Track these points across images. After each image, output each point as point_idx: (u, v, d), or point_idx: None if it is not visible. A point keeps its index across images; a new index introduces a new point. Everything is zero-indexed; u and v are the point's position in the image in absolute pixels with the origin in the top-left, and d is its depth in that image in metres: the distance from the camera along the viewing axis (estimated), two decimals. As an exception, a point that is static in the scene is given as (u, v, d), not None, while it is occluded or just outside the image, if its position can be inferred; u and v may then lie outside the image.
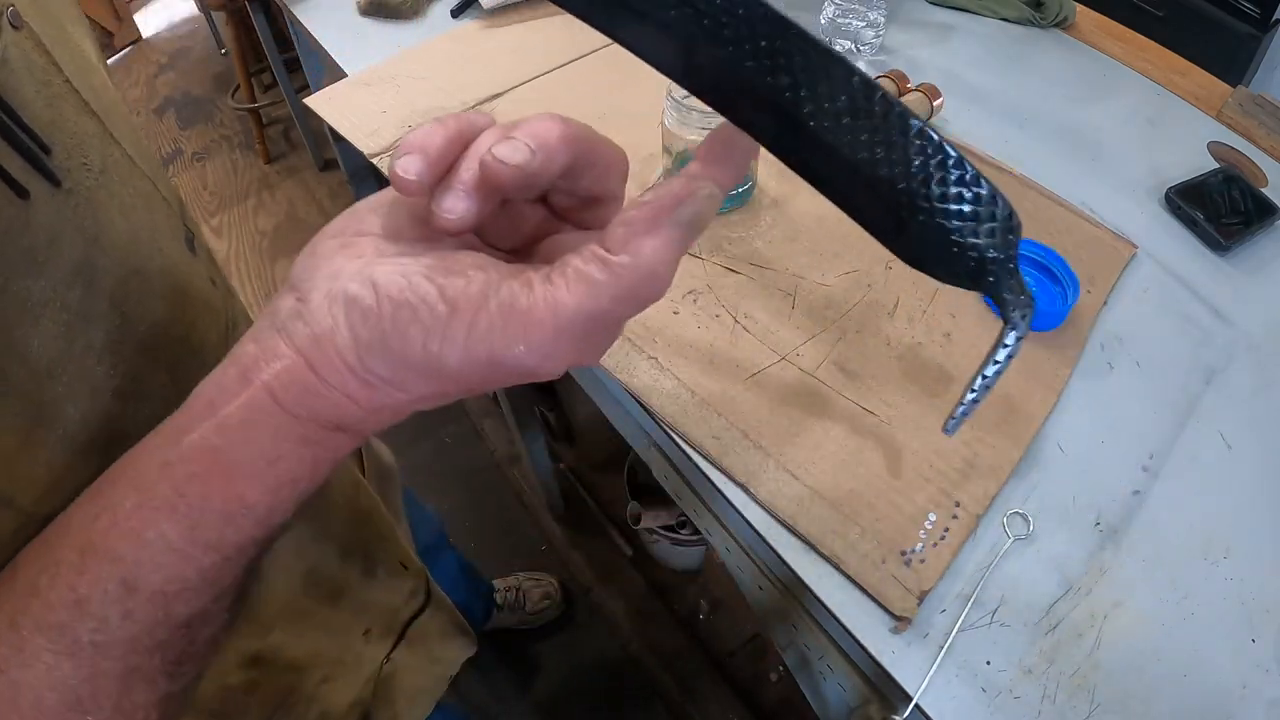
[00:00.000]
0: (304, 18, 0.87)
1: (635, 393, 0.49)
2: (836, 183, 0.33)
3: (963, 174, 0.31)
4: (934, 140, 0.30)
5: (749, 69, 0.30)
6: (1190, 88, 0.78)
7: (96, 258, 0.28)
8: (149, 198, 0.33)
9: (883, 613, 0.41)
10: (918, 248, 0.33)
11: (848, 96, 0.30)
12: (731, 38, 0.29)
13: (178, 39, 3.00)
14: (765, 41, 0.29)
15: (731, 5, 0.29)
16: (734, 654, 1.24)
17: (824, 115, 0.30)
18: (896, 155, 0.31)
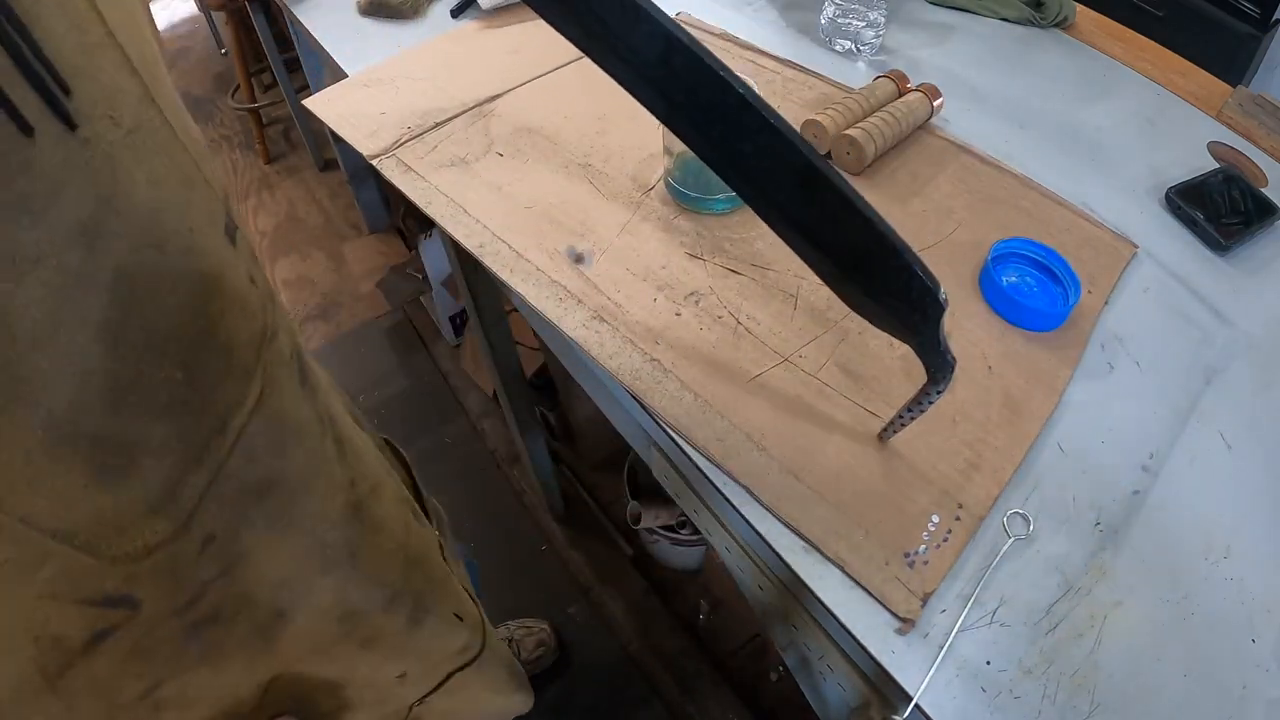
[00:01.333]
0: (304, 18, 0.87)
1: (638, 395, 0.49)
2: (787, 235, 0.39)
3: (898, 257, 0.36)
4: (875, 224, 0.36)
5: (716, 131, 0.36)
6: (1190, 88, 0.78)
7: (107, 220, 0.25)
8: (188, 176, 0.29)
9: (883, 613, 0.41)
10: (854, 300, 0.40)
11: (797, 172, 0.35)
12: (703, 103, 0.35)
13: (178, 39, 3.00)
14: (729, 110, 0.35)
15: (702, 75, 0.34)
16: (734, 654, 1.24)
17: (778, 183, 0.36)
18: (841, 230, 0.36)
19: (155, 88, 0.28)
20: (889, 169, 0.65)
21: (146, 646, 0.33)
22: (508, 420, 1.20)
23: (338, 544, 0.42)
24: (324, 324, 1.83)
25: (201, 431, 0.31)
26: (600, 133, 0.68)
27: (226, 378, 0.32)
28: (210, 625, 0.36)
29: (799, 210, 0.37)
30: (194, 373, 0.29)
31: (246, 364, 0.33)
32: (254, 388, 0.33)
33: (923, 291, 0.37)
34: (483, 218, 0.59)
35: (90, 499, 0.27)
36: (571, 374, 0.66)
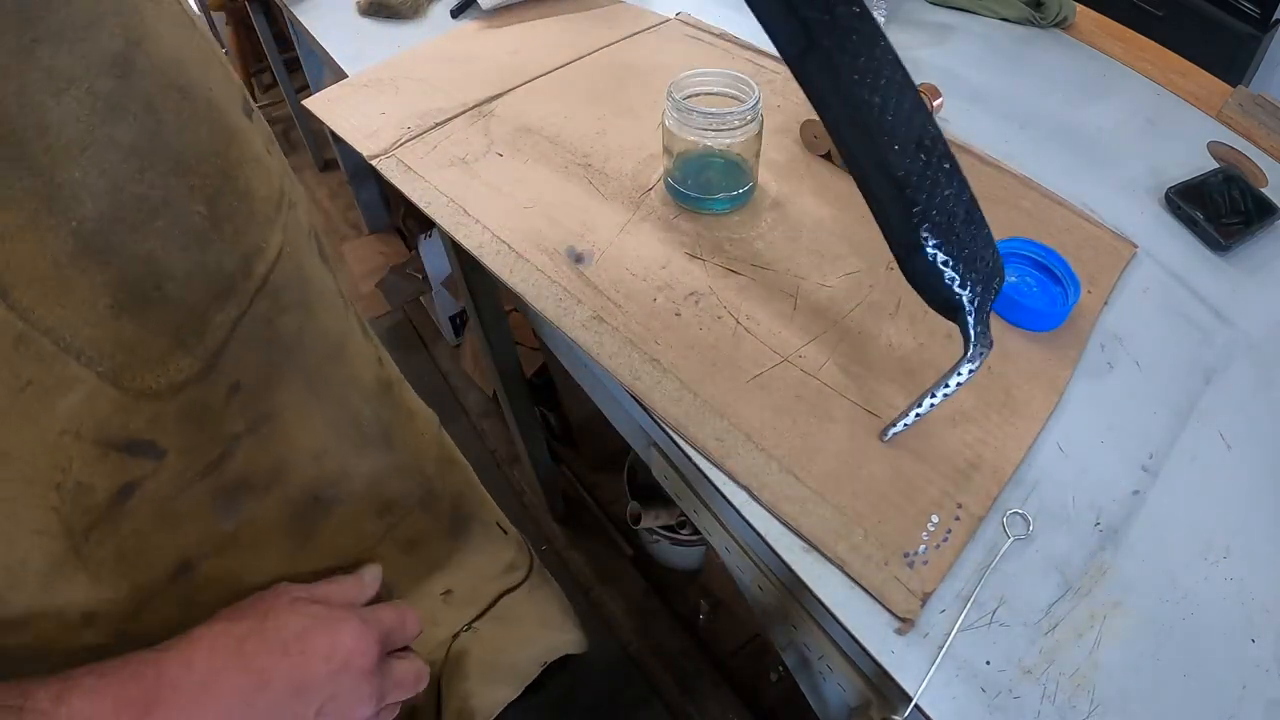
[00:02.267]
0: (304, 18, 0.87)
1: (637, 395, 0.49)
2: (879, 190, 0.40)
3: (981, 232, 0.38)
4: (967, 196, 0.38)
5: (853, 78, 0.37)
6: (1190, 88, 0.78)
7: (136, 58, 0.26)
8: (208, 56, 0.31)
9: (883, 613, 0.41)
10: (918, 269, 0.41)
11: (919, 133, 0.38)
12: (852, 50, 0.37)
13: (177, 39, 3.00)
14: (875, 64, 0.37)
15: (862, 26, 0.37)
16: (734, 654, 1.24)
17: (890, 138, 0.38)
18: (937, 193, 0.38)
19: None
20: (889, 169, 0.65)
21: (175, 511, 0.32)
22: (508, 420, 1.20)
23: (371, 420, 0.41)
24: (324, 324, 1.83)
25: (226, 269, 0.31)
26: (600, 133, 0.68)
27: (249, 223, 0.32)
28: (243, 493, 0.35)
29: (909, 169, 0.38)
30: (217, 210, 0.30)
31: (267, 214, 0.33)
32: (275, 238, 0.33)
33: (997, 264, 0.40)
34: (483, 218, 0.59)
35: (116, 322, 0.27)
36: (571, 374, 0.66)
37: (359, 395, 0.40)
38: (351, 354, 0.40)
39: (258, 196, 0.32)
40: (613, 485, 1.38)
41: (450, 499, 0.47)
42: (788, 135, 0.68)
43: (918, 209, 0.39)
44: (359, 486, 0.41)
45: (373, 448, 0.41)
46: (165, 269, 0.28)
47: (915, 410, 0.45)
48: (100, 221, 0.26)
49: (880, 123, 0.37)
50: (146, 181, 0.27)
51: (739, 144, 0.57)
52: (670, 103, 0.55)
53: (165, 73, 0.28)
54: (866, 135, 0.38)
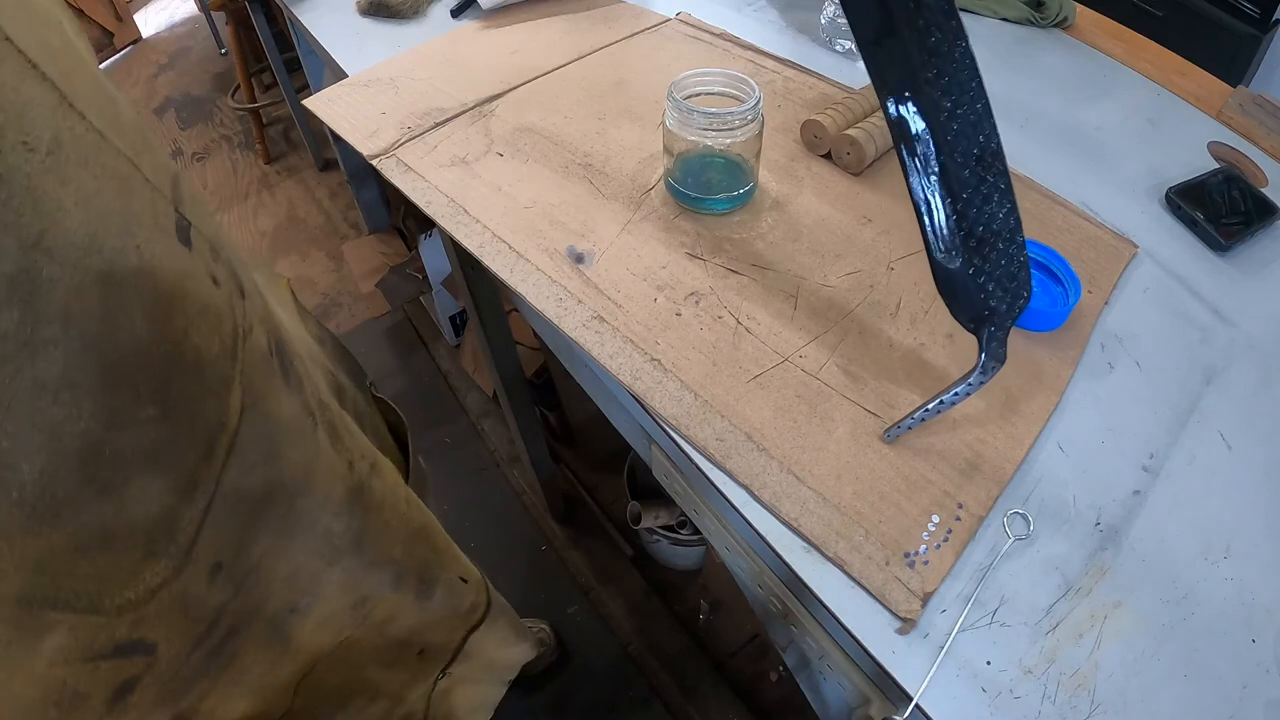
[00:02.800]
0: (304, 18, 0.87)
1: (638, 395, 0.49)
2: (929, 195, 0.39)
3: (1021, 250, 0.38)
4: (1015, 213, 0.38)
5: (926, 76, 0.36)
6: (1190, 88, 0.78)
7: (40, 265, 0.22)
8: (125, 181, 0.26)
9: (883, 613, 0.41)
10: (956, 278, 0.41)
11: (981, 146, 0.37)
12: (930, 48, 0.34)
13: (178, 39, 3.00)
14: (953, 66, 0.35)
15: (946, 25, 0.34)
16: (734, 654, 1.24)
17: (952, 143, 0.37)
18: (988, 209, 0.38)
19: (71, 85, 0.24)
20: (889, 169, 0.65)
21: (173, 689, 0.31)
22: (508, 420, 1.20)
23: (342, 533, 0.41)
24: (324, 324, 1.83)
25: (187, 463, 0.29)
26: (600, 133, 0.68)
27: (204, 397, 0.29)
28: (230, 639, 0.34)
29: (963, 176, 0.37)
30: (169, 401, 0.27)
31: (223, 375, 0.30)
32: (234, 399, 0.31)
33: (1024, 280, 0.39)
34: (483, 218, 0.59)
35: (82, 563, 0.25)
36: (571, 374, 0.66)
37: (330, 513, 0.40)
38: (320, 478, 0.38)
39: (210, 358, 0.29)
40: (613, 485, 1.38)
41: (417, 572, 0.47)
42: (788, 135, 0.68)
43: (966, 221, 0.38)
44: (333, 590, 0.41)
45: (344, 555, 0.41)
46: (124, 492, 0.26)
47: (920, 415, 0.45)
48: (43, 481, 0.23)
49: (945, 128, 0.36)
50: (84, 414, 0.24)
51: (739, 144, 0.57)
52: (671, 103, 0.55)
53: (78, 267, 0.23)
54: (929, 136, 0.37)
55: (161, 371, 0.27)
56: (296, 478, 0.36)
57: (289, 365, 0.37)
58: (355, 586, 0.42)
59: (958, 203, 0.38)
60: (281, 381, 0.36)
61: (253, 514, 0.33)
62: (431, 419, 1.58)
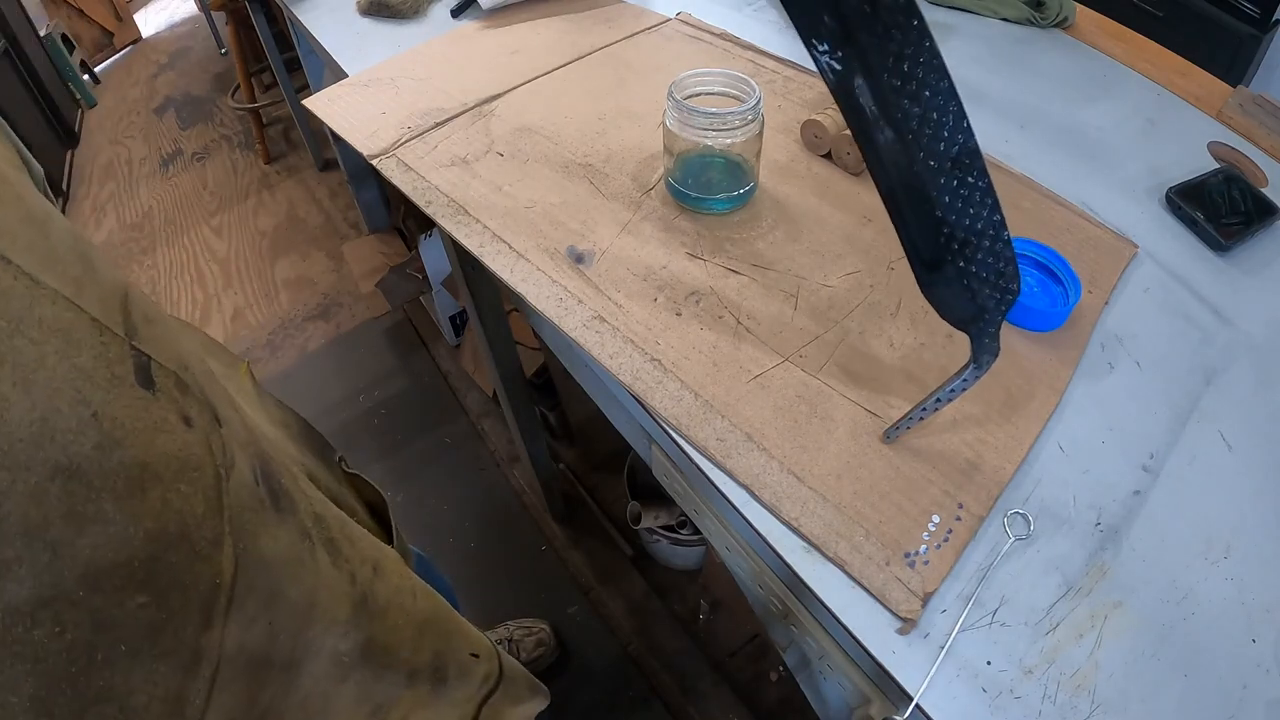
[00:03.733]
0: (304, 18, 0.87)
1: (638, 395, 0.49)
2: (906, 204, 0.38)
3: (1006, 251, 0.38)
4: (999, 215, 0.37)
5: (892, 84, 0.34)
6: (1190, 88, 0.78)
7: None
8: (67, 334, 0.22)
9: (883, 613, 0.41)
10: (941, 282, 0.40)
11: (955, 149, 0.35)
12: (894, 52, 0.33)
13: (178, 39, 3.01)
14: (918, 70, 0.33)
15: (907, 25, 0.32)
16: (734, 654, 1.24)
17: (928, 150, 0.35)
18: (965, 210, 0.37)
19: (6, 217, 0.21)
20: (889, 169, 0.65)
21: None
22: (508, 420, 1.20)
23: (350, 650, 0.38)
24: (324, 324, 1.83)
25: (187, 639, 0.26)
26: (600, 133, 0.68)
27: (194, 565, 0.26)
28: None
29: (940, 183, 0.36)
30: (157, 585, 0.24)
31: (211, 534, 0.27)
32: (226, 555, 0.28)
33: (1012, 275, 0.38)
34: (483, 218, 0.59)
35: None
36: (571, 374, 0.66)
37: (336, 636, 0.37)
38: (323, 604, 0.36)
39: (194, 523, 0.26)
40: (613, 485, 1.38)
41: (430, 664, 0.45)
42: (789, 135, 0.68)
43: (947, 228, 0.37)
44: (346, 705, 0.39)
45: (354, 670, 0.39)
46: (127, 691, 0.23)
47: (918, 413, 0.45)
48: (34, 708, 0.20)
49: (917, 134, 0.34)
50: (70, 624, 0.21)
51: (740, 144, 0.57)
52: (671, 103, 0.55)
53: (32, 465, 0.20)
54: (900, 145, 0.35)
55: (145, 553, 0.24)
56: (299, 613, 0.34)
57: (278, 490, 0.34)
58: (368, 697, 0.40)
59: (936, 208, 0.36)
60: (272, 513, 0.33)
61: (260, 665, 0.31)
62: (431, 419, 1.58)
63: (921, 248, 0.39)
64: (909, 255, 0.40)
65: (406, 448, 1.52)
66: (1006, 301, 0.39)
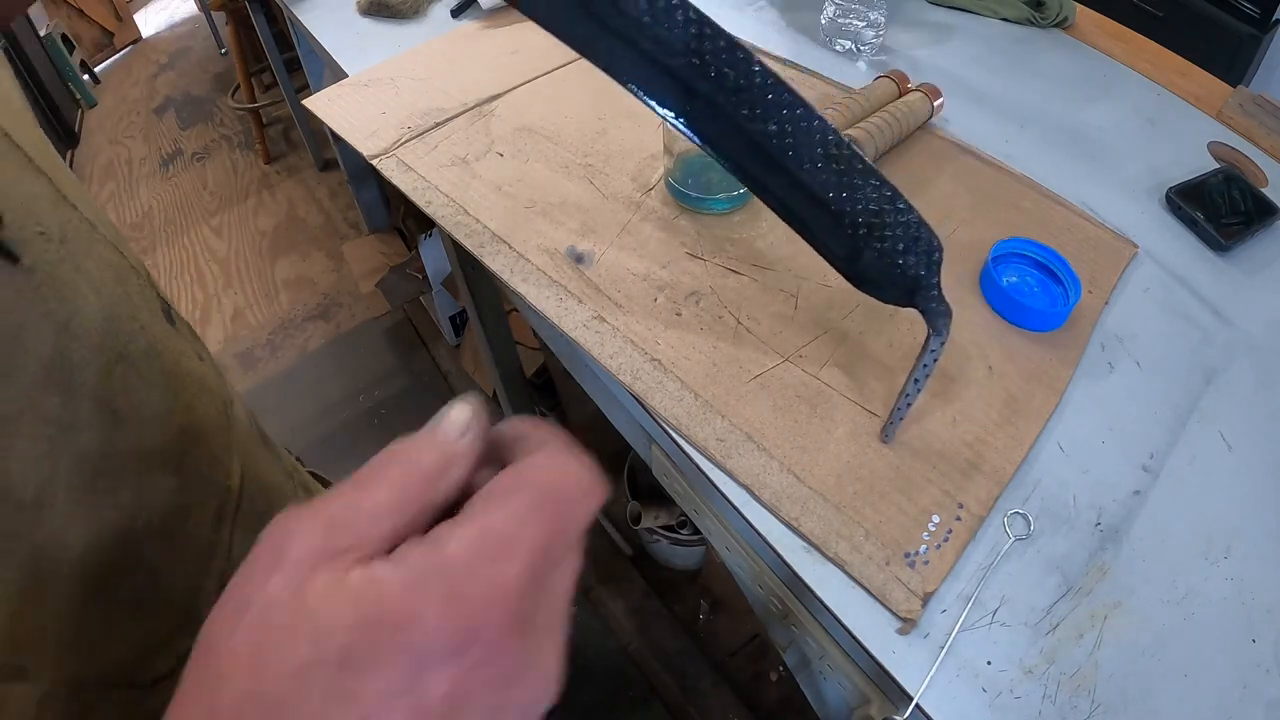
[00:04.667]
0: (304, 18, 0.87)
1: (638, 395, 0.49)
2: (806, 217, 0.40)
3: (909, 215, 0.39)
4: (887, 186, 0.38)
5: (743, 115, 0.36)
6: (1190, 88, 0.78)
7: (70, 349, 0.23)
8: (118, 269, 0.27)
9: (883, 613, 0.41)
10: (867, 270, 0.41)
11: (823, 147, 0.37)
12: (731, 87, 0.35)
13: (178, 39, 3.00)
14: (759, 92, 0.35)
15: (734, 59, 0.35)
16: (734, 654, 1.24)
17: (800, 158, 0.37)
18: (856, 196, 0.38)
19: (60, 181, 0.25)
20: (889, 169, 0.65)
21: None
22: (508, 420, 1.20)
23: None
24: (324, 324, 1.83)
25: (204, 531, 0.30)
26: (600, 133, 0.68)
27: (213, 464, 0.31)
28: None
29: (822, 181, 0.38)
30: (184, 471, 0.28)
31: (224, 442, 0.32)
32: (235, 464, 0.33)
33: (930, 240, 0.39)
34: (483, 218, 0.59)
35: (125, 637, 0.26)
36: (571, 374, 0.66)
37: None
38: None
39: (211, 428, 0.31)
40: (613, 485, 1.39)
41: None
42: (788, 135, 0.68)
43: (848, 219, 0.39)
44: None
45: None
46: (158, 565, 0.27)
47: (905, 400, 0.45)
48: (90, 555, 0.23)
49: (785, 148, 0.37)
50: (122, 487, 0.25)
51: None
52: (671, 103, 0.55)
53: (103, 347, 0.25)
54: (775, 165, 0.37)
55: (178, 443, 0.28)
56: None
57: (265, 434, 0.39)
58: None
59: (830, 205, 0.38)
60: (264, 448, 0.38)
61: None
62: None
63: (834, 247, 0.41)
64: (829, 260, 0.42)
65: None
66: (935, 261, 0.40)
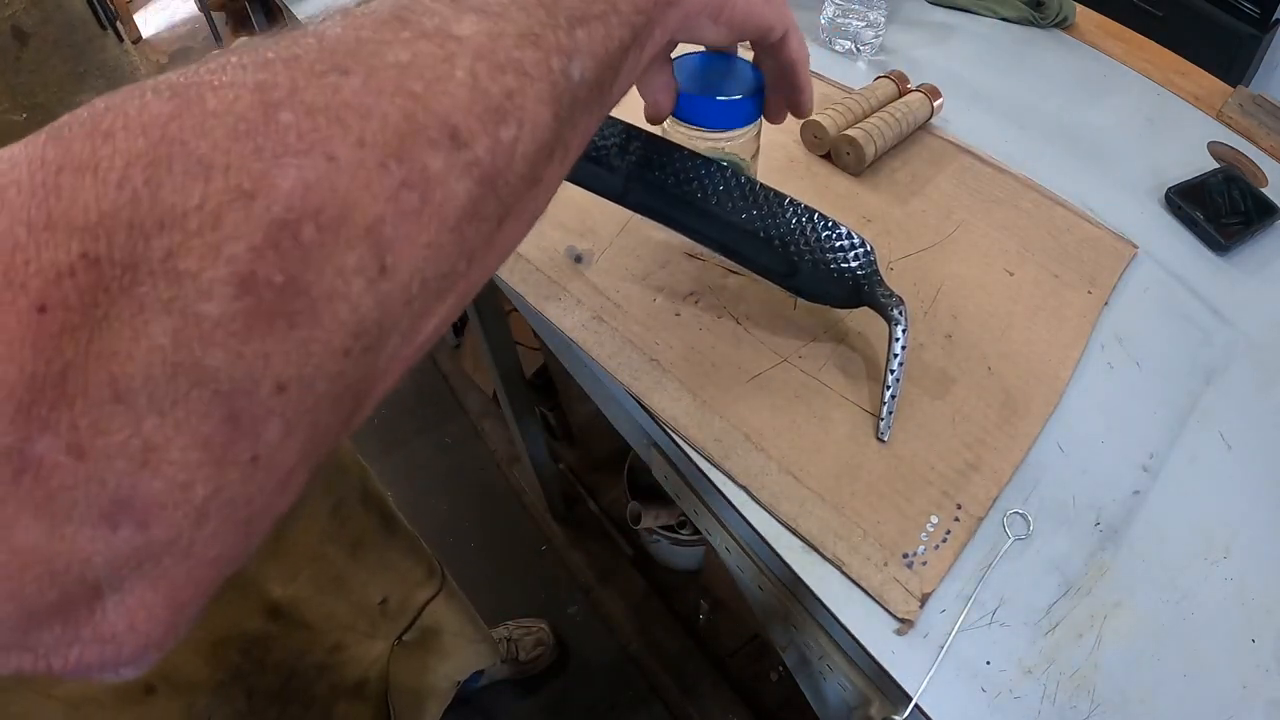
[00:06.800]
0: (304, 18, 0.87)
1: (637, 395, 0.49)
2: (744, 249, 0.47)
3: (828, 224, 0.46)
4: (801, 206, 0.46)
5: (669, 184, 0.45)
6: (1190, 88, 0.78)
7: None
8: None
9: (883, 613, 0.41)
10: (809, 282, 0.47)
11: (739, 191, 0.45)
12: (655, 165, 0.45)
13: (178, 39, 3.01)
14: (678, 164, 0.45)
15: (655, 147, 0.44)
16: (734, 654, 1.24)
17: (724, 204, 0.45)
18: (779, 221, 0.45)
19: None
20: (889, 169, 0.65)
21: None
22: (508, 420, 1.20)
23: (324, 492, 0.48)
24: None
25: None
26: (600, 133, 0.68)
27: None
28: None
29: (756, 219, 0.45)
30: None
31: None
32: None
33: (856, 241, 0.46)
34: (482, 218, 0.59)
35: None
36: (571, 374, 0.66)
37: None
38: None
39: None
40: (613, 485, 1.38)
41: (376, 498, 0.53)
42: (788, 135, 0.68)
43: (776, 240, 0.45)
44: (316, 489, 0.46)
45: None
46: None
47: (889, 394, 0.46)
48: None
49: (711, 201, 0.45)
50: None
51: (737, 145, 0.56)
52: (670, 103, 0.55)
53: None
54: (709, 217, 0.45)
55: None
56: None
57: None
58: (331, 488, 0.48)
59: (759, 233, 0.45)
60: None
61: None
62: (431, 419, 1.58)
63: (774, 267, 0.47)
64: (774, 280, 0.49)
65: (406, 448, 1.52)
66: (869, 258, 0.46)
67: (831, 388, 0.49)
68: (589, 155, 0.44)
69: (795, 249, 0.45)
